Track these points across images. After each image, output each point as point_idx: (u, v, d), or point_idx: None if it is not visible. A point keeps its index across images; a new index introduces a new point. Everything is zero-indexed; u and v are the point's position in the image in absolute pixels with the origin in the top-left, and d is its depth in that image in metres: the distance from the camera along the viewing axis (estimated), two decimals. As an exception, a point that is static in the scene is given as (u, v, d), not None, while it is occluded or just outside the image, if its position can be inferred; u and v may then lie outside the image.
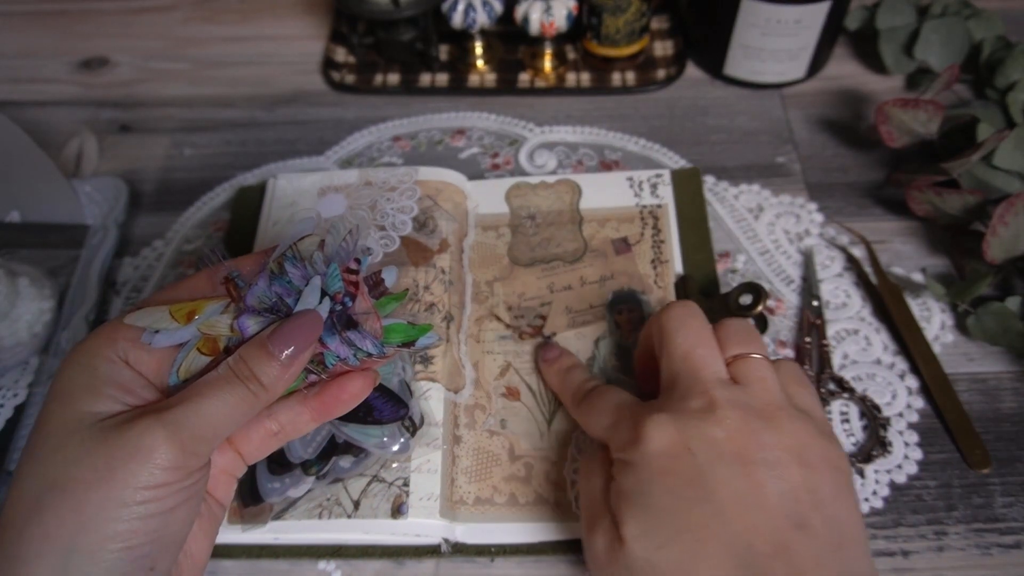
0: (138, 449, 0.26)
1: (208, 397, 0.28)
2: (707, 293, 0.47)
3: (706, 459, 0.31)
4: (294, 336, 0.29)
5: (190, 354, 0.30)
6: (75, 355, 0.29)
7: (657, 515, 0.31)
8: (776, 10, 0.54)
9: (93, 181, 0.55)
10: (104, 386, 0.28)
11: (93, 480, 0.26)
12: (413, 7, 0.58)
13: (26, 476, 0.27)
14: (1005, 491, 0.41)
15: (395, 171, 0.51)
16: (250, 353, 0.29)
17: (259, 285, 0.30)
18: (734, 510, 0.30)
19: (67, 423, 0.27)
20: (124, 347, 0.29)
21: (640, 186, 0.51)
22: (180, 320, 0.29)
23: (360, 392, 0.33)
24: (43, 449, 0.27)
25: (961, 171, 0.48)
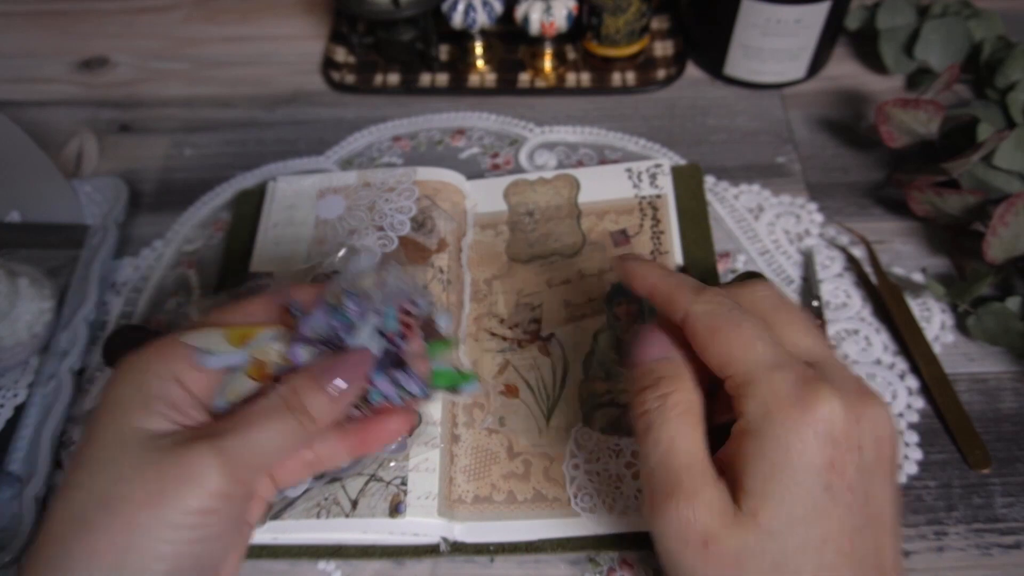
0: (191, 474, 0.27)
1: (259, 426, 0.28)
2: (707, 284, 0.47)
3: (868, 462, 0.28)
4: (345, 371, 0.30)
5: (238, 378, 0.30)
6: (128, 369, 0.30)
7: (806, 512, 0.27)
8: (776, 10, 0.54)
9: (93, 181, 0.55)
10: (155, 403, 0.28)
11: (145, 501, 0.26)
12: (413, 7, 0.58)
13: (75, 488, 0.27)
14: (1005, 491, 0.41)
15: (393, 172, 0.51)
16: (302, 384, 0.29)
17: (315, 316, 0.31)
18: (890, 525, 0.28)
19: (119, 438, 0.28)
20: (177, 366, 0.29)
21: (639, 177, 0.51)
22: (234, 343, 0.30)
23: (398, 431, 0.33)
24: (94, 463, 0.27)
25: (961, 171, 0.48)
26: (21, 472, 0.42)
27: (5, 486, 0.42)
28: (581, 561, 0.40)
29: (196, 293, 0.51)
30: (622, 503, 0.39)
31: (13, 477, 0.42)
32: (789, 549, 0.27)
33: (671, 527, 0.28)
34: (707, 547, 0.27)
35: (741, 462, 0.28)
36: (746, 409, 0.28)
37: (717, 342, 0.29)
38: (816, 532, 0.27)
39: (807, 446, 0.27)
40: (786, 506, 0.27)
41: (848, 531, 0.27)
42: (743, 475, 0.28)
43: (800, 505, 0.27)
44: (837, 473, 0.27)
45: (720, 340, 0.29)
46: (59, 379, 0.45)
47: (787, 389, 0.28)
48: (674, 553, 0.28)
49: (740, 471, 0.28)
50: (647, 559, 0.39)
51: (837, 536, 0.27)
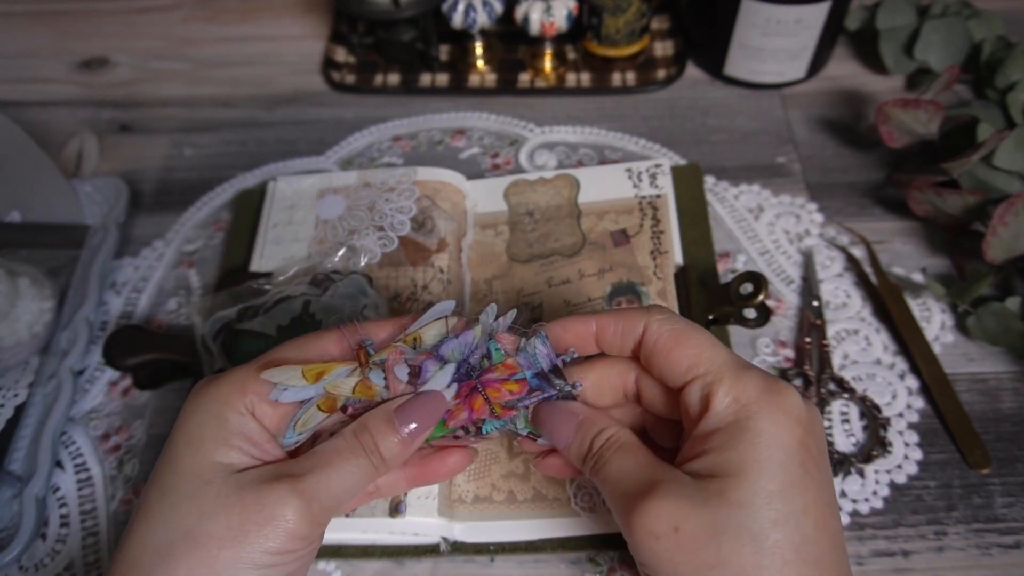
0: (273, 516, 0.28)
1: (335, 468, 0.29)
2: (707, 284, 0.47)
3: (823, 443, 0.30)
4: (419, 414, 0.31)
5: (310, 409, 0.31)
6: (204, 401, 0.30)
7: (783, 487, 0.27)
8: (776, 10, 0.54)
9: (93, 181, 0.55)
10: (234, 437, 0.29)
11: (228, 538, 0.27)
12: (413, 7, 0.58)
13: (156, 519, 0.28)
14: (1005, 491, 0.41)
15: (393, 172, 0.51)
16: (376, 426, 0.30)
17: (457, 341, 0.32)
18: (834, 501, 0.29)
19: (201, 472, 0.28)
20: (252, 400, 0.30)
21: (639, 177, 0.51)
22: (310, 380, 0.31)
23: (457, 467, 0.35)
24: (175, 495, 0.28)
25: (961, 171, 0.48)
26: (21, 472, 0.42)
27: (5, 486, 0.42)
28: (581, 561, 0.40)
29: (196, 293, 0.51)
30: (622, 503, 0.39)
31: (13, 477, 0.42)
32: (766, 521, 0.27)
33: (641, 527, 0.28)
34: (678, 532, 0.27)
35: (707, 456, 0.29)
36: (715, 406, 0.29)
37: (683, 346, 0.31)
38: (795, 504, 0.27)
39: (780, 428, 0.28)
40: (761, 481, 0.27)
41: (823, 505, 0.28)
42: (711, 466, 0.28)
43: (775, 480, 0.27)
44: (807, 450, 0.28)
45: (686, 345, 0.31)
46: (59, 379, 0.45)
47: (757, 383, 0.29)
48: (649, 551, 0.28)
49: (706, 464, 0.29)
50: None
51: (814, 509, 0.28)
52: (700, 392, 0.30)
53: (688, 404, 0.31)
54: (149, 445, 0.45)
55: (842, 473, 0.42)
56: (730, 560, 0.26)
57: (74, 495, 0.43)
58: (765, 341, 0.47)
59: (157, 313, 0.51)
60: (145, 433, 0.46)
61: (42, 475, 0.42)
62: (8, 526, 0.41)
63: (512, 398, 0.32)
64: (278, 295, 0.44)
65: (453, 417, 0.32)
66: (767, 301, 0.44)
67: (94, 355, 0.49)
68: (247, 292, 0.45)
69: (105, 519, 0.43)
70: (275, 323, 0.43)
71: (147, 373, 0.47)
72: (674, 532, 0.27)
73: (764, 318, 0.44)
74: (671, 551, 0.27)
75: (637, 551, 0.29)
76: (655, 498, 0.28)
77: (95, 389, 0.48)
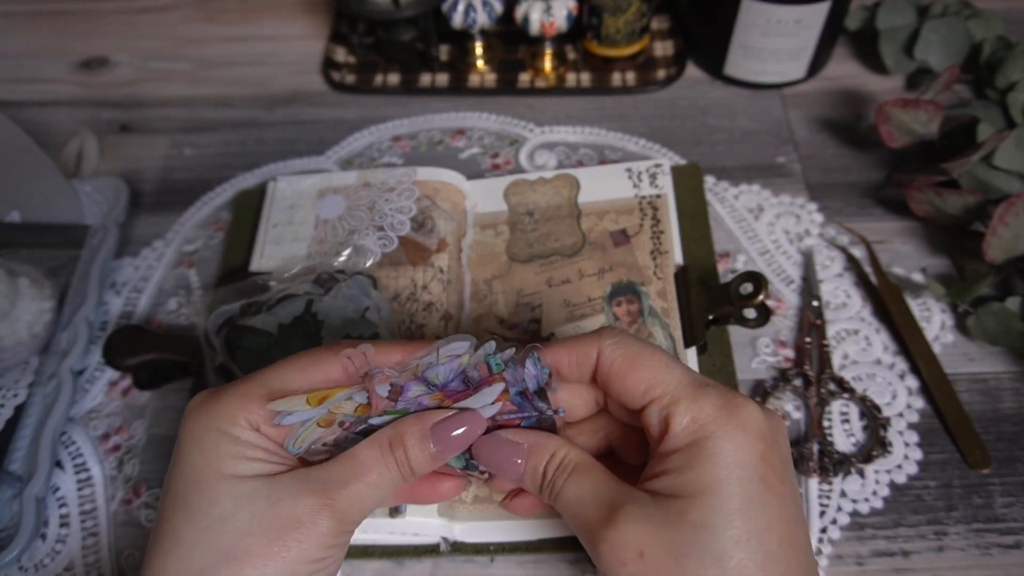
0: (309, 529, 0.28)
1: (367, 481, 0.30)
2: (707, 284, 0.47)
3: (786, 455, 0.30)
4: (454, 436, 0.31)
5: (309, 427, 0.31)
6: (210, 419, 0.30)
7: (744, 505, 0.27)
8: (776, 10, 0.54)
9: (93, 181, 0.55)
10: (249, 451, 0.30)
11: (268, 554, 0.27)
12: (413, 7, 0.58)
13: (191, 543, 0.28)
14: (1005, 491, 0.41)
15: (393, 172, 0.51)
16: (411, 441, 0.30)
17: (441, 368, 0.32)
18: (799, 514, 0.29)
19: (231, 491, 0.29)
20: (254, 416, 0.30)
21: (639, 176, 0.51)
22: (313, 405, 0.31)
23: (450, 493, 0.35)
24: (208, 517, 0.28)
25: (961, 171, 0.48)
26: (21, 472, 0.42)
27: (5, 486, 0.42)
28: (581, 561, 0.40)
29: (196, 293, 0.51)
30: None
31: (13, 477, 0.42)
32: (728, 541, 0.27)
33: (606, 556, 0.28)
34: (643, 557, 0.27)
35: (668, 476, 0.29)
36: (674, 427, 0.29)
37: (639, 368, 0.31)
38: (758, 522, 0.27)
39: (739, 445, 0.28)
40: (721, 501, 0.27)
41: (787, 520, 0.28)
42: (672, 487, 0.28)
43: (736, 499, 0.27)
44: (769, 465, 0.28)
45: (642, 366, 0.31)
46: (59, 379, 0.45)
47: (715, 401, 0.29)
48: (615, 572, 0.28)
49: (667, 485, 0.29)
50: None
51: (778, 524, 0.28)
52: (659, 415, 0.30)
53: (648, 426, 0.30)
54: (149, 445, 0.45)
55: (842, 473, 0.42)
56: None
57: (74, 495, 0.43)
58: (765, 341, 0.47)
59: (157, 313, 0.51)
60: (145, 433, 0.46)
61: (42, 475, 0.42)
62: (8, 526, 0.41)
63: (510, 408, 0.32)
64: (281, 293, 0.44)
65: None
66: (767, 301, 0.44)
67: (94, 355, 0.49)
68: (251, 288, 0.45)
69: (105, 519, 0.43)
70: (277, 321, 0.43)
71: (147, 373, 0.47)
72: (639, 557, 0.27)
73: (764, 318, 0.44)
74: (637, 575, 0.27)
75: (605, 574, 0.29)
76: (618, 524, 0.28)
77: (95, 389, 0.48)
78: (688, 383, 0.30)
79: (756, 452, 0.28)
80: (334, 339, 0.43)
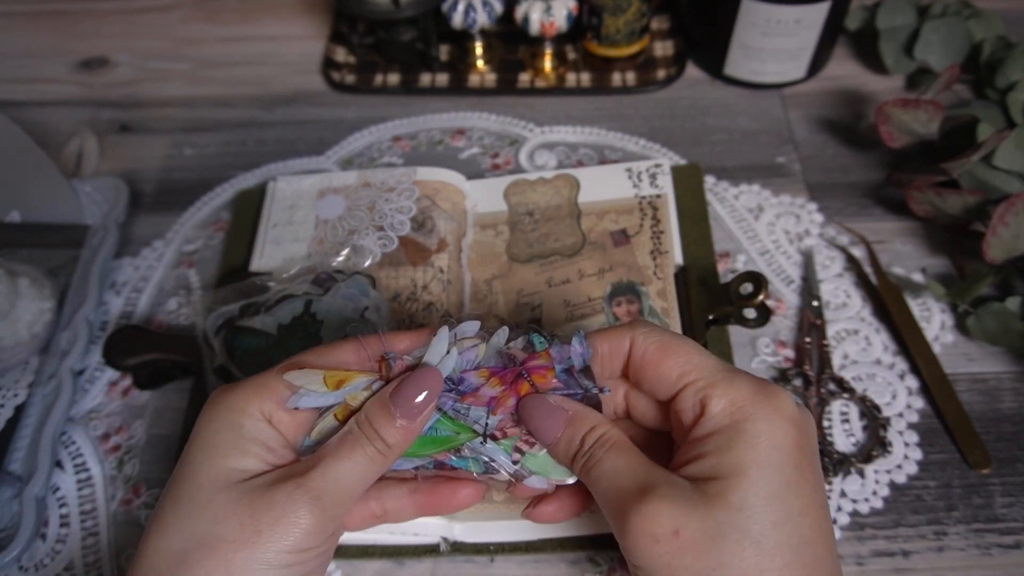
0: (284, 514, 0.28)
1: (340, 459, 0.29)
2: (707, 284, 0.47)
3: (816, 446, 0.30)
4: (414, 393, 0.30)
5: (327, 418, 0.31)
6: (221, 409, 0.30)
7: (781, 488, 0.27)
8: (776, 10, 0.54)
9: (93, 181, 0.55)
10: (250, 444, 0.29)
11: (241, 541, 0.27)
12: (413, 7, 0.58)
13: (171, 528, 0.28)
14: (1005, 491, 0.41)
15: (393, 172, 0.51)
16: (373, 412, 0.30)
17: None
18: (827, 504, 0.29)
19: (214, 479, 0.29)
20: (268, 405, 0.30)
21: (639, 177, 0.51)
22: (330, 387, 0.31)
23: (469, 500, 0.34)
24: (189, 504, 0.28)
25: (961, 171, 0.48)
26: (21, 472, 0.42)
27: (5, 486, 0.42)
28: (581, 561, 0.40)
29: (196, 293, 0.51)
30: (622, 503, 0.39)
31: (13, 477, 0.42)
32: (767, 523, 0.27)
33: (639, 529, 0.27)
34: (679, 536, 0.27)
35: (704, 459, 0.28)
36: (711, 409, 0.29)
37: (673, 355, 0.31)
38: (793, 507, 0.27)
39: (776, 429, 0.28)
40: (761, 482, 0.27)
41: (818, 507, 0.28)
42: (708, 469, 0.28)
43: (774, 481, 0.27)
44: (802, 452, 0.28)
45: (676, 353, 0.31)
46: (59, 379, 0.45)
47: (751, 386, 0.29)
48: (647, 554, 0.27)
49: (703, 468, 0.28)
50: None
51: (811, 511, 0.28)
52: (694, 398, 0.30)
53: (681, 411, 0.30)
54: (149, 445, 0.45)
55: (842, 473, 0.42)
56: (731, 563, 0.26)
57: (74, 495, 0.43)
58: (765, 341, 0.47)
59: (157, 313, 0.51)
60: (145, 433, 0.46)
61: (42, 475, 0.42)
62: (8, 526, 0.41)
63: (557, 384, 0.32)
64: (280, 293, 0.44)
65: (500, 404, 0.32)
66: (767, 301, 0.44)
67: (94, 355, 0.49)
68: (251, 288, 0.45)
69: (105, 519, 0.43)
70: (276, 321, 0.43)
71: (147, 373, 0.47)
72: (674, 535, 0.27)
73: (764, 318, 0.44)
74: (671, 554, 0.27)
75: (632, 553, 0.28)
76: (654, 500, 0.27)
77: (95, 389, 0.48)
78: (722, 368, 0.30)
79: (791, 438, 0.28)
80: (334, 339, 0.43)
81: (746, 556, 0.26)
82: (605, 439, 0.31)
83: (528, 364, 0.32)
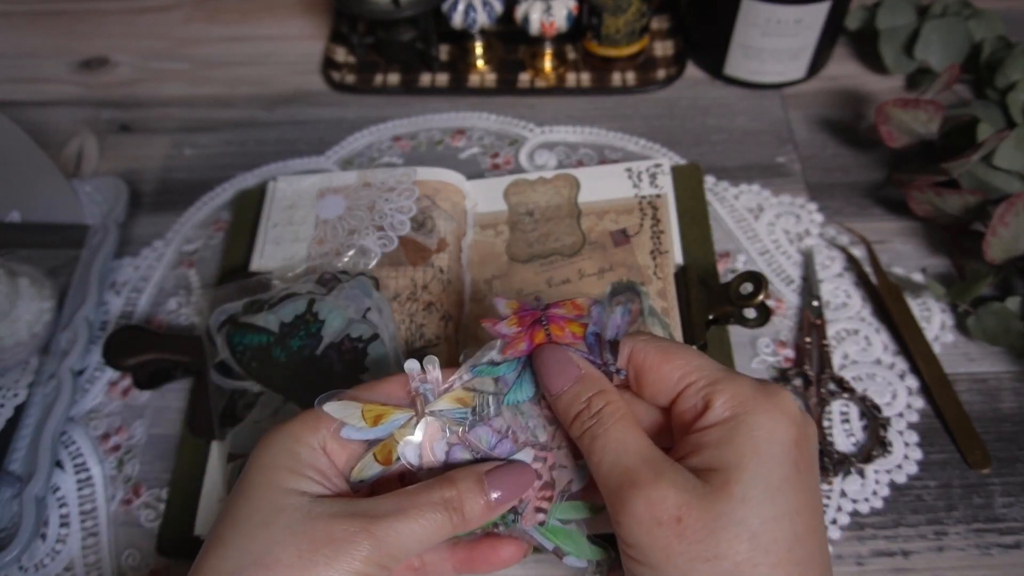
0: (342, 549, 0.28)
1: (413, 518, 0.29)
2: (707, 284, 0.47)
3: (815, 448, 0.30)
4: (511, 483, 0.31)
5: (366, 458, 0.31)
6: (279, 437, 0.31)
7: (779, 483, 0.28)
8: (776, 10, 0.54)
9: (93, 181, 0.55)
10: (306, 469, 0.30)
11: (296, 566, 0.27)
12: (413, 7, 0.58)
13: (230, 546, 0.28)
14: (1005, 491, 0.41)
15: (393, 172, 0.51)
16: (465, 484, 0.30)
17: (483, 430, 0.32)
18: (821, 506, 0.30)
19: (272, 501, 0.29)
20: (324, 436, 0.31)
21: (639, 176, 0.51)
22: (368, 422, 0.31)
23: (510, 559, 0.34)
24: (247, 524, 0.28)
25: (961, 171, 0.48)
26: (21, 472, 0.42)
27: (5, 486, 0.42)
28: (581, 561, 0.40)
29: (196, 293, 0.51)
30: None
31: (13, 477, 0.42)
32: (767, 517, 0.27)
33: (641, 512, 0.27)
34: (680, 522, 0.27)
35: (705, 451, 0.29)
36: (715, 403, 0.29)
37: (674, 358, 0.31)
38: (791, 503, 0.27)
39: (778, 424, 0.28)
40: (762, 476, 0.27)
41: (812, 508, 0.28)
42: (709, 460, 0.28)
43: (775, 476, 0.27)
44: (800, 451, 0.29)
45: (676, 356, 0.31)
46: (59, 379, 0.45)
47: (752, 384, 0.30)
48: (647, 538, 0.27)
49: (704, 459, 0.29)
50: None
51: (805, 510, 0.28)
52: (695, 397, 0.30)
53: (683, 412, 0.31)
54: (149, 445, 0.45)
55: (842, 473, 0.42)
56: (727, 554, 0.26)
57: (74, 495, 0.43)
58: (765, 341, 0.47)
59: (157, 313, 0.51)
60: (145, 433, 0.46)
61: (42, 475, 0.42)
62: (8, 526, 0.41)
63: (573, 340, 0.32)
64: (284, 291, 0.44)
65: (512, 347, 0.32)
66: (767, 301, 0.44)
67: (94, 355, 0.49)
68: (256, 285, 0.45)
69: (105, 519, 0.43)
70: (278, 319, 0.43)
71: (147, 373, 0.47)
72: (676, 522, 0.27)
73: (764, 318, 0.44)
74: (669, 539, 0.27)
75: (631, 533, 0.28)
76: (662, 485, 0.28)
77: (95, 389, 0.48)
78: (723, 369, 0.31)
79: (791, 434, 0.28)
80: (335, 339, 0.43)
81: (742, 549, 0.26)
82: (614, 409, 0.30)
83: (551, 311, 0.32)
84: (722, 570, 0.26)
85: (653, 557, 0.27)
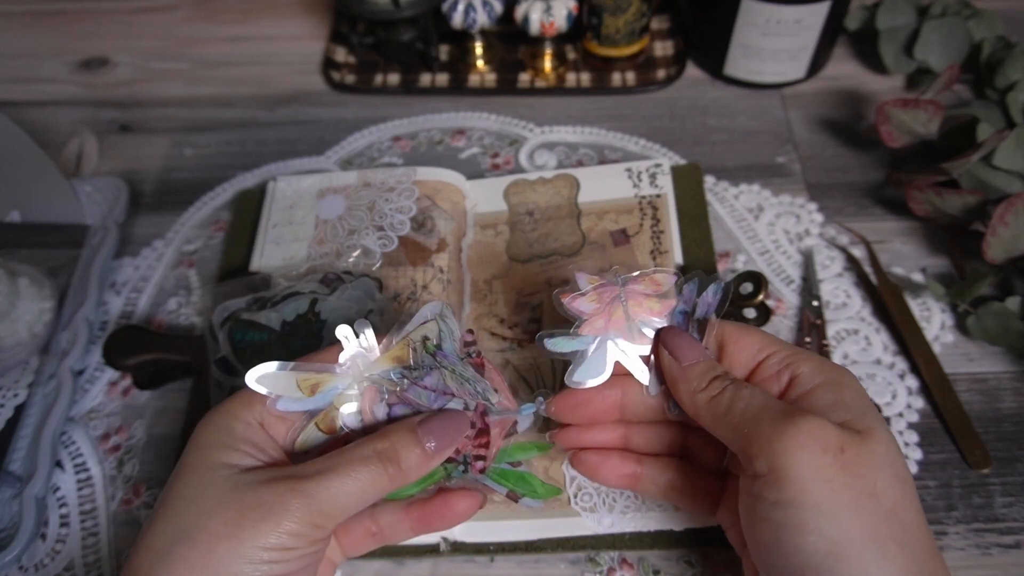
0: (270, 512, 0.28)
1: (345, 475, 0.29)
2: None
3: None
4: (444, 430, 0.31)
5: (308, 428, 0.31)
6: (215, 415, 0.31)
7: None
8: (776, 10, 0.54)
9: (93, 181, 0.55)
10: (240, 443, 0.30)
11: (224, 534, 0.27)
12: (413, 7, 0.58)
13: (160, 521, 0.28)
14: (1005, 491, 0.41)
15: (393, 171, 0.51)
16: (400, 436, 0.30)
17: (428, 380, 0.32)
18: None
19: (204, 476, 0.29)
20: (260, 411, 0.31)
21: (639, 176, 0.51)
22: (305, 392, 0.31)
23: (465, 512, 0.34)
24: (179, 500, 0.29)
25: (961, 171, 0.48)
26: (21, 472, 0.42)
27: (5, 486, 0.42)
28: (581, 561, 0.40)
29: (196, 293, 0.51)
30: (622, 503, 0.39)
31: (13, 477, 0.42)
32: (902, 465, 0.29)
33: (808, 437, 0.28)
34: (844, 452, 0.28)
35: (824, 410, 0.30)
36: (802, 371, 0.31)
37: (751, 333, 0.34)
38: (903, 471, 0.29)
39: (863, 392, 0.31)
40: (886, 428, 0.29)
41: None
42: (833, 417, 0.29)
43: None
44: None
45: (753, 332, 0.34)
46: (59, 379, 0.45)
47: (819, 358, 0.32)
48: (810, 465, 0.27)
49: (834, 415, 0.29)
50: (647, 559, 0.39)
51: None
52: (778, 366, 0.32)
53: (766, 378, 0.32)
54: (149, 445, 0.45)
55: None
56: (887, 493, 0.27)
57: (74, 495, 0.43)
58: (765, 341, 0.47)
59: (157, 313, 0.51)
60: (145, 433, 0.46)
61: (42, 475, 0.42)
62: (8, 526, 0.41)
63: (650, 317, 0.32)
64: (287, 290, 0.44)
65: (588, 324, 0.32)
66: (767, 301, 0.44)
67: (94, 355, 0.49)
68: (260, 282, 0.45)
69: (105, 519, 0.43)
70: (281, 317, 0.43)
71: (147, 373, 0.47)
72: (840, 451, 0.28)
73: (764, 318, 0.44)
74: (835, 469, 0.27)
75: (791, 465, 0.28)
76: (819, 418, 0.28)
77: (95, 389, 0.48)
78: (791, 344, 0.33)
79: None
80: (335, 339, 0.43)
81: (895, 492, 0.28)
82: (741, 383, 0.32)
83: (630, 286, 0.32)
84: (883, 510, 0.27)
85: (814, 489, 0.27)
